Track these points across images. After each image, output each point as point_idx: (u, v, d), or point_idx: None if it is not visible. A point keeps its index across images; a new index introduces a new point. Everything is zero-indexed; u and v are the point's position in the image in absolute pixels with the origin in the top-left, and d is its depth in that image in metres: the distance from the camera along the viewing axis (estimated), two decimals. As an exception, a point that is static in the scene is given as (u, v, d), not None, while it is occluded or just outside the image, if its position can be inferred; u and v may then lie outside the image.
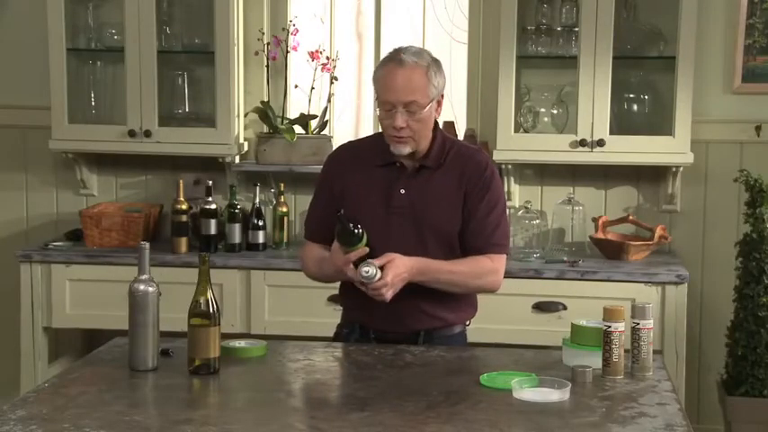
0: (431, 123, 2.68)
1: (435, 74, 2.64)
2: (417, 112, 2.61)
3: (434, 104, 2.66)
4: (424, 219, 2.69)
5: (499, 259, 2.73)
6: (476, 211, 2.70)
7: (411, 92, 2.60)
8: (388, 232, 2.66)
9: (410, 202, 2.70)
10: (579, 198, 4.16)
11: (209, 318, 2.35)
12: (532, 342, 3.41)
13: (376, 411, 2.12)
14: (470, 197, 2.70)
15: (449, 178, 2.71)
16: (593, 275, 3.77)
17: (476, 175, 2.71)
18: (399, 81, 2.61)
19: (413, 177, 2.71)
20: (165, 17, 4.15)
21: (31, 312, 3.98)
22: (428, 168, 2.71)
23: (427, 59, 2.65)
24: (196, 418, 2.07)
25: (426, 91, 2.61)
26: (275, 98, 4.27)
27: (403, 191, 2.70)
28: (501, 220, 2.74)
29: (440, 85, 2.66)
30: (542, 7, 4.04)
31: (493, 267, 2.71)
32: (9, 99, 4.37)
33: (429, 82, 2.62)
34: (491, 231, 2.71)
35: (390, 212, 2.69)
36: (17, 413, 2.09)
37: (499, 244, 2.73)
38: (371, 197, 2.71)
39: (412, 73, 2.61)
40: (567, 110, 4.07)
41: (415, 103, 2.60)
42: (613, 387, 2.32)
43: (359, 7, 4.51)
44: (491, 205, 2.71)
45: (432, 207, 2.70)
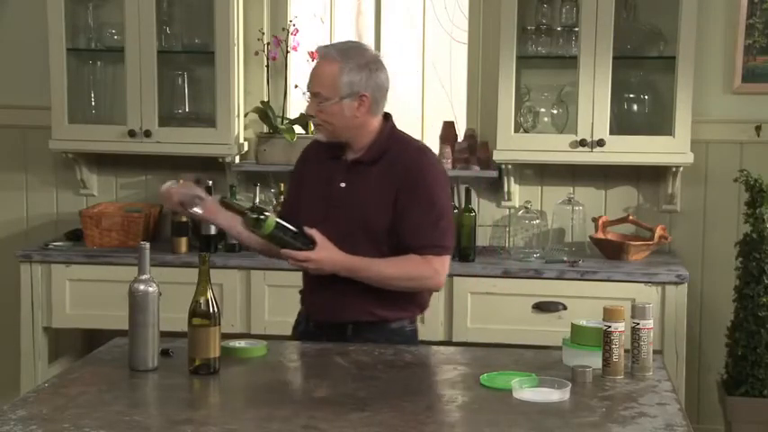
0: (344, 119, 2.71)
1: (352, 72, 2.68)
2: (323, 104, 2.70)
3: (349, 102, 2.69)
4: (354, 213, 2.73)
5: (438, 260, 2.71)
6: (410, 210, 2.70)
7: (318, 84, 2.71)
8: (323, 223, 2.73)
9: (346, 195, 2.75)
10: (579, 198, 4.16)
11: (210, 318, 2.36)
12: (532, 342, 3.41)
13: (376, 411, 2.12)
14: (403, 195, 2.71)
15: (383, 175, 2.73)
16: (593, 275, 3.77)
17: (411, 173, 2.72)
18: (313, 71, 2.75)
19: (349, 172, 2.76)
20: (165, 17, 4.15)
21: (31, 312, 3.98)
22: (363, 164, 2.76)
23: (349, 56, 2.69)
24: (196, 418, 2.07)
25: (334, 87, 2.68)
26: (275, 98, 4.27)
27: (343, 184, 2.76)
28: (440, 220, 2.73)
29: (355, 84, 2.68)
30: (542, 7, 4.04)
31: (429, 269, 2.70)
32: (9, 99, 4.37)
33: (339, 79, 2.67)
34: (428, 232, 2.71)
35: (329, 204, 2.77)
36: (17, 413, 2.09)
37: (437, 245, 2.72)
38: (317, 189, 2.81)
39: (325, 66, 2.71)
40: (567, 110, 4.07)
41: (319, 94, 2.70)
42: (613, 387, 2.32)
43: (359, 7, 4.51)
44: (428, 205, 2.71)
45: (362, 202, 2.73)
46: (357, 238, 2.70)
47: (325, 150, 2.82)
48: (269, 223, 2.59)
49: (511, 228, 4.21)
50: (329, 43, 2.80)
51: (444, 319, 3.82)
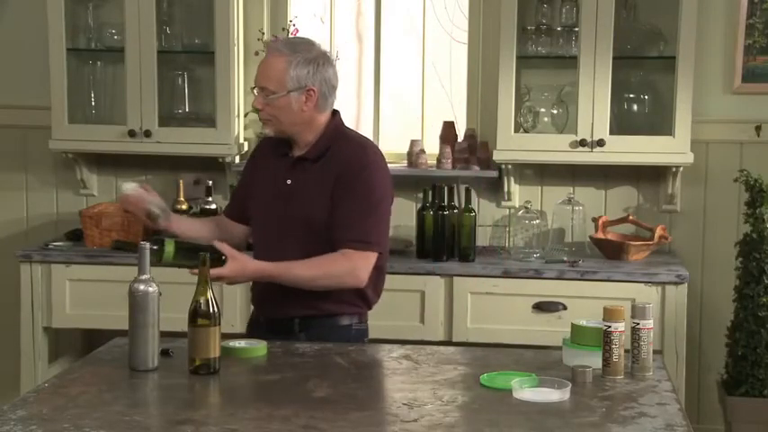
0: (291, 113, 2.72)
1: (299, 65, 2.69)
2: (270, 98, 2.70)
3: (297, 96, 2.70)
4: (299, 210, 2.74)
5: (359, 256, 2.69)
6: (342, 203, 2.71)
7: (265, 78, 2.72)
8: (269, 220, 2.76)
9: (292, 192, 2.76)
10: (579, 198, 4.16)
11: (210, 318, 2.35)
12: (532, 342, 3.42)
13: (376, 411, 2.12)
14: (339, 189, 2.72)
15: (325, 171, 2.74)
16: (593, 275, 3.77)
17: (347, 168, 2.73)
18: (261, 66, 2.76)
19: (294, 168, 2.78)
20: (165, 17, 4.15)
21: (31, 312, 3.98)
22: (308, 160, 2.77)
23: (297, 51, 2.71)
24: (196, 418, 2.07)
25: (281, 81, 2.69)
26: (275, 98, 4.26)
27: (289, 181, 2.78)
28: (370, 215, 2.72)
29: (303, 77, 2.70)
30: (542, 7, 4.04)
31: (349, 266, 2.67)
32: (9, 99, 4.37)
33: (286, 72, 2.68)
34: (355, 226, 2.69)
35: (276, 202, 2.78)
36: (17, 413, 2.09)
37: (361, 240, 2.70)
38: (265, 186, 2.82)
39: (272, 60, 2.72)
40: (567, 110, 4.07)
41: (266, 88, 2.71)
42: (613, 387, 2.32)
43: (359, 8, 4.51)
44: (360, 200, 2.71)
45: (306, 199, 2.74)
46: (302, 234, 2.71)
47: (273, 148, 2.84)
48: (167, 253, 2.53)
49: (511, 228, 4.21)
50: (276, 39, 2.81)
51: (444, 319, 3.82)
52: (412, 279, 3.82)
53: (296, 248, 2.68)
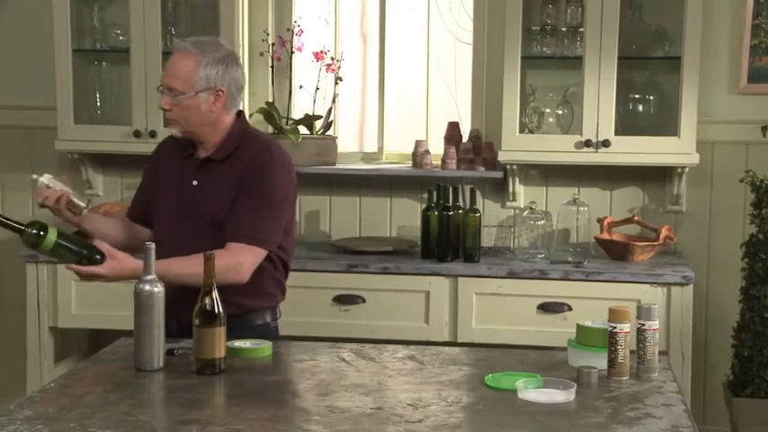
0: (200, 114, 2.72)
1: (209, 65, 2.69)
2: (178, 98, 2.69)
3: (206, 96, 2.69)
4: (205, 210, 2.74)
5: (245, 251, 2.66)
6: (239, 199, 2.71)
7: (173, 78, 2.70)
8: (175, 221, 2.74)
9: (198, 193, 2.76)
10: (584, 199, 4.16)
11: (215, 318, 2.36)
12: (537, 343, 3.41)
13: (382, 412, 2.12)
14: (240, 187, 2.72)
15: (231, 172, 2.74)
16: (598, 276, 3.76)
17: (251, 166, 2.73)
18: (168, 65, 2.73)
19: (200, 170, 2.77)
20: (170, 18, 4.15)
21: (37, 312, 3.99)
22: (214, 161, 2.77)
23: (205, 50, 2.70)
24: (202, 418, 2.07)
25: (189, 80, 2.68)
26: (280, 99, 4.28)
27: (195, 182, 2.77)
28: (264, 211, 2.70)
29: (212, 78, 2.69)
30: (547, 8, 4.04)
31: (232, 262, 2.62)
32: (15, 100, 4.38)
33: (195, 72, 2.68)
34: (246, 220, 2.68)
35: (182, 202, 2.77)
36: (23, 413, 2.09)
37: (250, 235, 2.68)
38: (171, 186, 2.80)
39: (180, 60, 2.71)
40: (572, 110, 4.07)
41: (174, 89, 2.69)
42: (619, 388, 2.32)
43: (363, 8, 4.51)
44: (255, 196, 2.70)
45: (212, 199, 2.74)
46: (209, 235, 2.70)
47: (178, 148, 2.83)
48: (48, 240, 2.50)
49: (516, 228, 4.21)
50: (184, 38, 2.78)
51: (449, 320, 3.82)
52: (417, 279, 3.82)
53: (204, 250, 2.59)
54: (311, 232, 4.34)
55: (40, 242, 2.49)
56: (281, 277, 2.86)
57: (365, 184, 4.31)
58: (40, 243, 2.49)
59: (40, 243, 2.49)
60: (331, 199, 4.35)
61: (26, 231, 2.50)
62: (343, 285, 3.84)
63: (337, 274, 3.85)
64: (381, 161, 4.43)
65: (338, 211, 4.34)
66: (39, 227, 2.51)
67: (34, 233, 2.49)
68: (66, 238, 2.54)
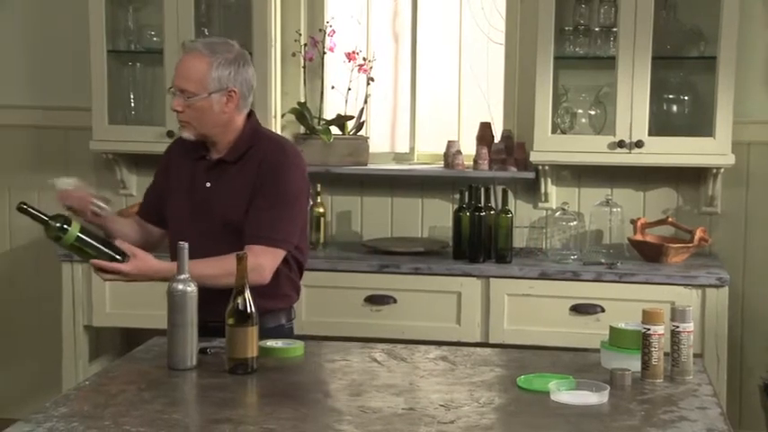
0: (212, 115, 2.71)
1: (221, 66, 2.68)
2: (191, 99, 2.67)
3: (218, 97, 2.69)
4: (218, 212, 2.74)
5: (265, 252, 2.66)
6: (256, 201, 2.71)
7: (184, 79, 2.69)
8: (189, 223, 2.74)
9: (211, 195, 2.76)
10: (617, 200, 4.13)
11: (247, 318, 2.37)
12: (569, 344, 3.39)
13: (414, 412, 2.12)
14: (255, 189, 2.72)
15: (245, 173, 2.74)
16: (631, 278, 3.74)
17: (266, 167, 2.73)
18: (180, 66, 2.72)
19: (213, 171, 2.77)
20: (203, 19, 4.17)
21: (72, 311, 4.03)
22: (226, 162, 2.76)
23: (216, 51, 2.69)
24: (234, 417, 2.08)
25: (202, 82, 2.67)
26: (312, 99, 4.29)
27: (208, 184, 2.77)
28: (281, 212, 2.70)
29: (225, 79, 2.69)
30: (580, 7, 4.02)
31: (253, 264, 2.57)
32: (51, 100, 4.43)
33: (207, 74, 2.67)
34: (265, 222, 2.68)
35: (194, 205, 2.77)
36: (59, 410, 2.11)
37: (269, 237, 2.68)
38: (182, 189, 2.80)
39: (192, 61, 2.70)
40: (605, 111, 4.04)
41: (186, 91, 2.68)
42: (653, 390, 2.30)
43: (395, 8, 4.51)
44: (272, 197, 2.70)
45: (225, 201, 2.74)
46: (223, 236, 2.70)
47: (189, 150, 2.82)
48: (70, 234, 2.50)
49: (548, 229, 4.19)
50: (194, 39, 2.76)
51: (481, 321, 3.81)
52: (448, 280, 3.81)
53: (216, 251, 2.64)
54: (342, 232, 4.35)
55: (62, 236, 2.51)
56: (295, 278, 2.87)
57: (397, 184, 4.32)
58: (62, 236, 2.51)
59: (63, 236, 2.51)
60: (362, 199, 4.35)
61: (50, 224, 2.52)
62: (375, 286, 3.84)
63: (369, 274, 3.85)
64: (413, 161, 4.43)
65: (370, 212, 4.34)
66: (63, 220, 2.53)
67: (58, 226, 2.51)
68: (88, 234, 2.56)
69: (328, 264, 3.88)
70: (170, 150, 2.94)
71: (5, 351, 4.53)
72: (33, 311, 4.49)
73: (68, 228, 2.51)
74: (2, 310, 4.53)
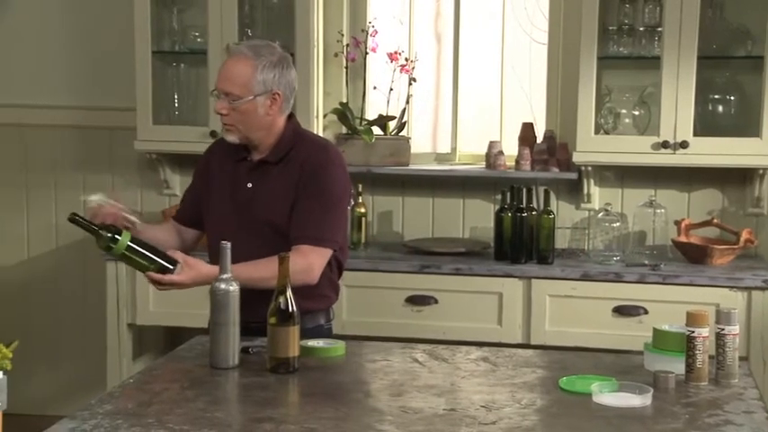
0: (257, 118, 2.72)
1: (265, 69, 2.69)
2: (235, 102, 2.68)
3: (263, 100, 2.70)
4: (260, 213, 2.74)
5: (314, 252, 2.68)
6: (302, 202, 2.71)
7: (229, 82, 2.70)
8: (230, 225, 2.74)
9: (253, 196, 2.76)
10: (661, 201, 4.09)
11: (289, 317, 2.38)
12: (612, 346, 3.37)
13: (455, 413, 2.12)
14: (300, 190, 2.73)
15: (287, 174, 2.75)
16: (675, 279, 3.70)
17: (309, 169, 2.74)
18: (224, 70, 2.73)
19: (255, 172, 2.78)
20: (246, 20, 4.20)
21: (116, 310, 4.07)
22: (268, 164, 2.77)
23: (261, 54, 2.70)
24: (276, 416, 2.10)
25: (247, 84, 2.68)
26: (354, 99, 4.30)
27: (250, 185, 2.78)
28: (327, 213, 2.72)
29: (269, 81, 2.70)
30: (624, 7, 3.99)
31: (303, 263, 2.63)
32: (96, 101, 4.48)
33: (253, 76, 2.68)
34: (313, 223, 2.69)
35: (235, 206, 2.78)
36: (104, 407, 2.14)
37: (318, 237, 2.69)
38: (223, 190, 2.81)
39: (236, 64, 2.70)
40: (649, 111, 4.01)
41: (231, 93, 2.68)
42: (697, 394, 2.27)
43: (438, 9, 4.51)
44: (318, 198, 2.71)
45: (268, 202, 2.74)
46: (265, 238, 2.72)
47: (230, 151, 2.83)
48: (121, 244, 2.53)
49: (590, 230, 4.16)
50: (237, 42, 2.77)
51: (522, 322, 3.79)
52: (490, 281, 3.80)
53: (259, 253, 2.66)
54: (384, 233, 4.35)
55: (113, 246, 2.54)
56: (335, 278, 2.88)
57: (438, 184, 4.31)
58: (113, 247, 2.54)
59: (113, 246, 2.54)
60: (404, 199, 4.35)
61: (101, 234, 2.55)
62: (416, 286, 3.84)
63: (410, 274, 3.85)
64: (454, 162, 4.42)
65: (411, 212, 4.34)
66: (114, 230, 2.56)
67: (109, 236, 2.54)
68: (138, 243, 2.58)
69: (369, 264, 3.89)
70: (210, 151, 2.96)
71: (51, 349, 4.59)
72: (78, 310, 4.56)
73: (119, 238, 2.54)
74: (48, 308, 4.60)
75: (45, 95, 4.51)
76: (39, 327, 4.58)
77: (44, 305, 4.60)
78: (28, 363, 4.38)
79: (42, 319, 4.60)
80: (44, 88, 4.51)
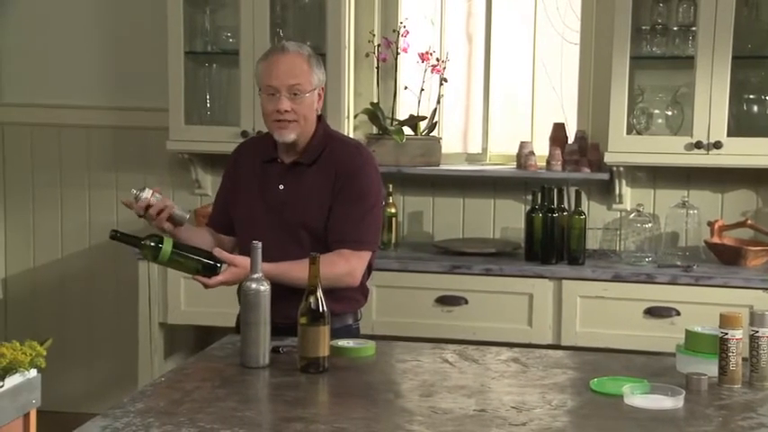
0: (313, 112, 2.74)
1: (316, 65, 2.74)
2: (300, 95, 2.69)
3: (315, 95, 2.73)
4: (294, 214, 2.74)
5: (355, 256, 2.70)
6: (339, 205, 2.72)
7: (294, 75, 2.70)
8: (262, 227, 2.74)
9: (286, 197, 2.76)
10: (694, 201, 4.05)
11: (320, 317, 2.39)
12: (643, 348, 3.35)
13: (485, 414, 2.12)
14: (336, 193, 2.73)
15: (320, 175, 2.75)
16: (708, 281, 3.66)
17: (345, 171, 2.74)
18: (283, 66, 2.71)
19: (288, 173, 2.77)
20: (278, 20, 4.22)
21: (148, 309, 4.11)
22: (302, 165, 2.77)
23: (308, 51, 2.76)
24: (306, 415, 2.10)
25: (309, 77, 2.71)
26: (385, 99, 4.30)
27: (281, 186, 2.78)
28: (366, 216, 2.73)
29: (320, 78, 2.75)
30: (658, 6, 3.96)
31: (345, 266, 2.67)
32: (129, 101, 4.52)
33: (311, 69, 2.72)
34: (351, 226, 2.70)
35: (267, 207, 2.77)
36: (136, 405, 2.16)
37: (357, 240, 2.71)
38: (253, 192, 2.81)
39: (295, 58, 2.71)
40: (682, 111, 3.98)
41: (298, 85, 2.69)
42: (730, 396, 2.25)
43: (469, 9, 4.50)
44: (356, 201, 2.72)
45: (301, 203, 2.74)
46: (300, 237, 2.73)
47: (257, 153, 2.84)
48: (165, 251, 2.54)
49: (622, 231, 4.14)
50: (273, 45, 2.78)
51: (553, 323, 3.77)
52: (520, 282, 3.79)
53: (289, 252, 2.67)
54: (414, 233, 4.35)
55: (157, 254, 2.56)
56: (365, 281, 2.88)
57: (469, 185, 4.30)
58: (158, 254, 2.56)
59: (158, 254, 2.56)
60: (434, 200, 4.35)
61: (145, 244, 2.56)
62: (446, 286, 3.84)
63: (440, 275, 3.85)
64: (485, 162, 4.41)
65: (441, 212, 4.34)
66: (156, 239, 2.57)
67: (152, 245, 2.56)
68: (181, 247, 2.60)
69: (400, 264, 3.89)
70: (237, 152, 2.96)
71: (84, 347, 4.64)
72: (111, 309, 4.60)
73: (162, 245, 2.56)
74: (81, 307, 4.65)
75: (80, 96, 4.56)
76: (72, 325, 4.63)
77: (77, 304, 4.65)
78: (62, 360, 4.43)
79: (75, 317, 4.65)
80: (79, 89, 4.56)
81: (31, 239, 4.67)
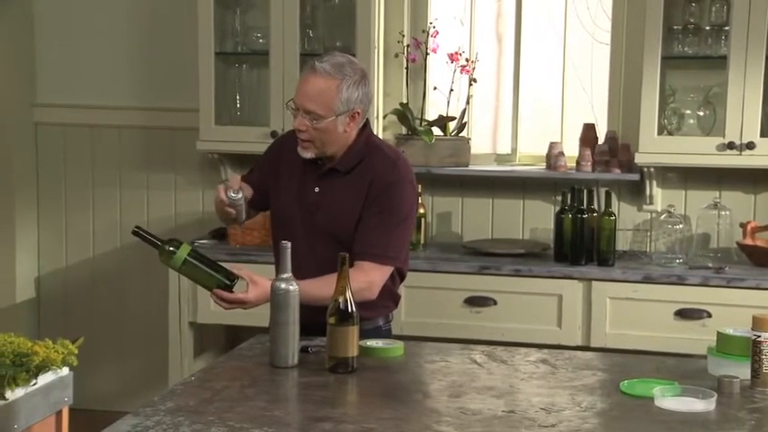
0: (336, 135, 2.70)
1: (349, 89, 2.65)
2: (316, 121, 2.65)
3: (343, 119, 2.67)
4: (324, 221, 2.73)
5: (375, 270, 2.68)
6: (365, 215, 2.70)
7: (311, 101, 2.65)
8: (295, 226, 2.75)
9: (320, 201, 2.75)
10: (726, 203, 4.02)
11: (349, 317, 2.39)
12: (674, 349, 3.33)
13: (514, 415, 2.11)
14: (367, 204, 2.70)
15: (356, 185, 2.72)
16: (740, 283, 3.63)
17: (379, 183, 2.71)
18: (306, 87, 2.67)
19: (325, 177, 2.76)
20: (308, 21, 4.23)
21: (178, 308, 4.13)
22: (337, 171, 2.75)
23: (345, 73, 2.66)
24: (335, 415, 2.11)
25: (330, 104, 2.64)
26: (414, 100, 4.30)
27: (317, 189, 2.77)
28: (393, 229, 2.70)
29: (352, 101, 2.67)
30: (690, 6, 3.93)
31: (365, 282, 2.63)
32: (159, 102, 4.55)
33: (337, 96, 2.64)
34: (377, 239, 2.68)
35: (302, 207, 2.77)
36: (166, 404, 2.17)
37: (380, 254, 2.68)
38: (291, 189, 2.80)
39: (321, 82, 2.65)
40: (714, 111, 3.94)
41: (313, 113, 2.65)
42: (763, 399, 2.23)
43: (499, 9, 4.48)
44: (383, 213, 2.69)
45: (334, 208, 2.73)
46: (330, 241, 2.71)
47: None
48: (178, 256, 2.53)
49: (653, 232, 4.11)
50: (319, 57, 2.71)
51: (582, 324, 3.76)
52: (550, 283, 3.77)
53: (319, 255, 2.68)
54: (443, 233, 4.35)
55: (169, 258, 2.56)
56: (396, 289, 2.88)
57: (498, 185, 4.29)
58: (169, 259, 2.56)
59: (172, 258, 2.56)
60: (463, 200, 4.34)
61: (162, 247, 2.57)
62: (475, 287, 3.83)
63: (469, 275, 3.84)
64: (515, 163, 4.40)
65: (470, 213, 4.33)
66: (176, 244, 2.58)
67: (169, 250, 2.56)
68: (197, 257, 2.59)
69: (428, 264, 3.89)
70: (282, 145, 2.92)
71: (115, 346, 4.68)
72: (141, 308, 4.63)
73: (176, 252, 2.56)
74: (112, 306, 4.69)
75: (112, 97, 4.60)
76: (103, 324, 4.67)
77: (109, 303, 4.69)
78: (93, 359, 4.46)
79: (107, 316, 4.69)
80: (111, 90, 4.60)
81: (63, 239, 4.72)
